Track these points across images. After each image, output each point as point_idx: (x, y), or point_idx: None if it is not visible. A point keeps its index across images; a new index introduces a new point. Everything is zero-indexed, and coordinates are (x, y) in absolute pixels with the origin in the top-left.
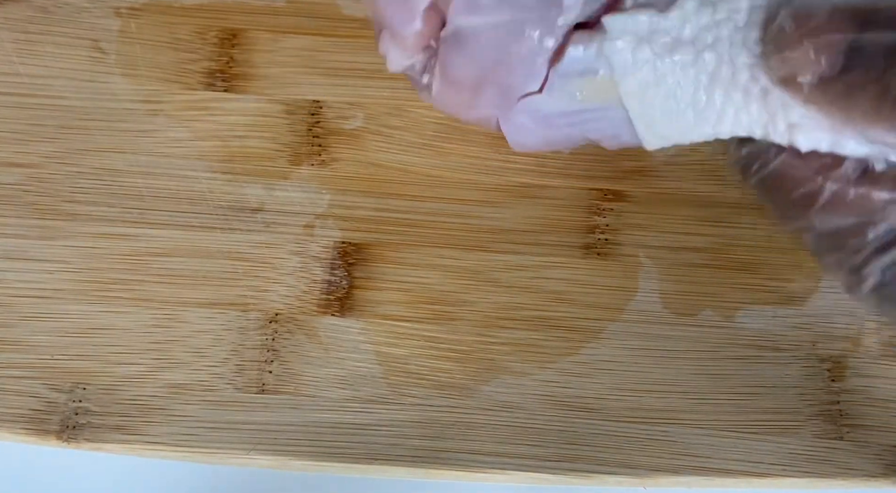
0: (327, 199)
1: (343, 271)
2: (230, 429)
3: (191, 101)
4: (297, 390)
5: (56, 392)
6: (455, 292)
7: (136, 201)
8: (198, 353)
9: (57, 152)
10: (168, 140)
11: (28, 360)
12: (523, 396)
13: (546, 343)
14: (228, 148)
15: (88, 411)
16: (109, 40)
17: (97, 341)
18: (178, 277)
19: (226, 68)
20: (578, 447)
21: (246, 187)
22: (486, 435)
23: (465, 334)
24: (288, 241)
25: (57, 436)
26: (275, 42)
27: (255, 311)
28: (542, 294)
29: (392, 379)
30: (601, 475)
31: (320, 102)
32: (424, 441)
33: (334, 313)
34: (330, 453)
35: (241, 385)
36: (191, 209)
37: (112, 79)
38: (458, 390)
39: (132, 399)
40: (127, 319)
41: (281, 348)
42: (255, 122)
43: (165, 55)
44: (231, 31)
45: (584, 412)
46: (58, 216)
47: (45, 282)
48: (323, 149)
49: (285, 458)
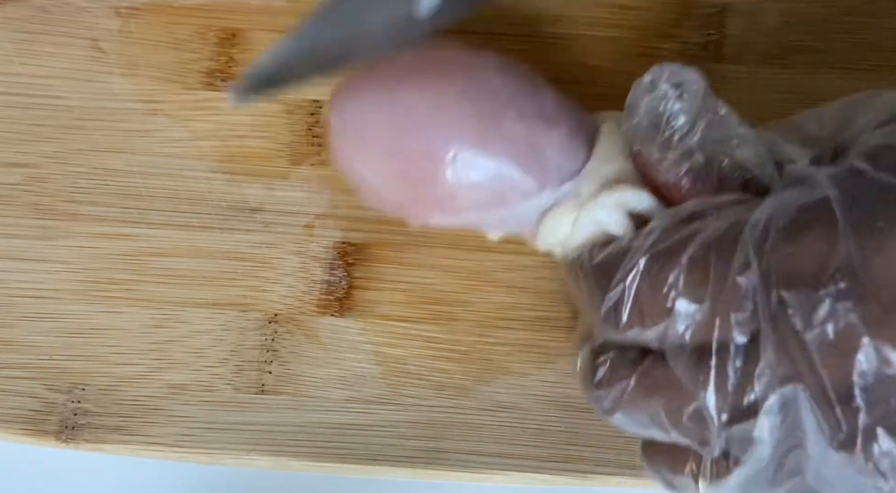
0: (327, 199)
1: (342, 271)
2: (229, 429)
3: (191, 100)
4: (296, 391)
5: (55, 393)
6: (455, 292)
7: (136, 201)
8: (197, 353)
9: (56, 152)
10: (168, 140)
11: (27, 360)
12: (523, 396)
13: (546, 343)
14: (228, 148)
15: (87, 411)
16: (109, 40)
17: (96, 342)
18: (178, 277)
19: (226, 68)
20: (578, 447)
21: (245, 187)
22: (486, 436)
23: (464, 334)
24: (287, 241)
25: (56, 436)
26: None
27: (255, 311)
28: (542, 294)
29: (391, 379)
30: (601, 476)
31: (320, 102)
32: (424, 442)
33: (334, 314)
34: (329, 453)
35: (240, 386)
36: (190, 209)
37: (112, 79)
38: (458, 390)
39: (131, 400)
40: (126, 319)
41: (280, 348)
42: (255, 121)
43: (165, 55)
44: (231, 31)
45: (583, 413)
46: (57, 216)
47: (44, 282)
48: (323, 149)
49: (285, 458)
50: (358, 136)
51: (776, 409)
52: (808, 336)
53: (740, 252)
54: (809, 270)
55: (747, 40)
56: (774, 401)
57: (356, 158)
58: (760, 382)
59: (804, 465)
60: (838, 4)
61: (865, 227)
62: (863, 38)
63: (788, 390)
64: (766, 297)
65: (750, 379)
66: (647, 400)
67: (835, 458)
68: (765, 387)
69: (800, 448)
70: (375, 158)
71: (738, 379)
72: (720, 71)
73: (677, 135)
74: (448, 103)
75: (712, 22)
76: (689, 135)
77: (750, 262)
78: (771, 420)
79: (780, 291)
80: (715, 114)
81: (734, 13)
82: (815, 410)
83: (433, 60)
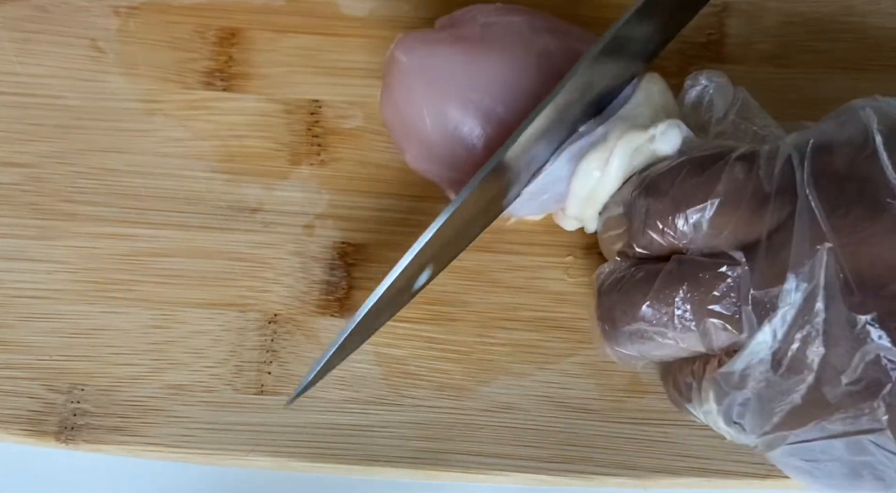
0: (326, 199)
1: (342, 271)
2: (229, 430)
3: (190, 100)
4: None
5: (54, 393)
6: (455, 293)
7: (135, 201)
8: (196, 353)
9: (55, 152)
10: (167, 140)
11: (26, 360)
12: (523, 397)
13: (546, 344)
14: (227, 148)
15: (87, 411)
16: (108, 39)
17: (95, 342)
18: (177, 277)
19: (225, 68)
20: (578, 448)
21: (245, 187)
22: (486, 436)
23: (464, 334)
24: (287, 241)
25: (55, 437)
26: (274, 41)
27: (254, 311)
28: (542, 294)
29: (391, 380)
30: (601, 477)
31: (320, 102)
32: (424, 442)
33: (333, 314)
34: (329, 454)
35: (239, 386)
36: (190, 209)
37: (111, 78)
38: (458, 390)
39: (130, 400)
40: (125, 319)
41: (280, 348)
42: (255, 121)
43: (164, 54)
44: (230, 31)
45: (583, 413)
46: (56, 216)
47: (44, 282)
48: (322, 148)
49: (284, 459)
50: (432, 83)
51: (807, 270)
52: (837, 213)
53: (782, 154)
54: (841, 167)
55: (747, 40)
56: (807, 263)
57: (426, 104)
58: (792, 250)
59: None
60: (838, 4)
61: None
62: (863, 39)
63: (819, 249)
64: (804, 180)
65: (782, 248)
66: (673, 289)
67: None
68: (798, 250)
69: (806, 330)
70: (447, 109)
71: (771, 249)
72: (720, 71)
73: (714, 117)
74: (529, 69)
75: (712, 22)
76: (724, 118)
77: (791, 157)
78: (798, 280)
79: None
80: (741, 100)
81: (734, 13)
82: (839, 271)
83: (511, 25)
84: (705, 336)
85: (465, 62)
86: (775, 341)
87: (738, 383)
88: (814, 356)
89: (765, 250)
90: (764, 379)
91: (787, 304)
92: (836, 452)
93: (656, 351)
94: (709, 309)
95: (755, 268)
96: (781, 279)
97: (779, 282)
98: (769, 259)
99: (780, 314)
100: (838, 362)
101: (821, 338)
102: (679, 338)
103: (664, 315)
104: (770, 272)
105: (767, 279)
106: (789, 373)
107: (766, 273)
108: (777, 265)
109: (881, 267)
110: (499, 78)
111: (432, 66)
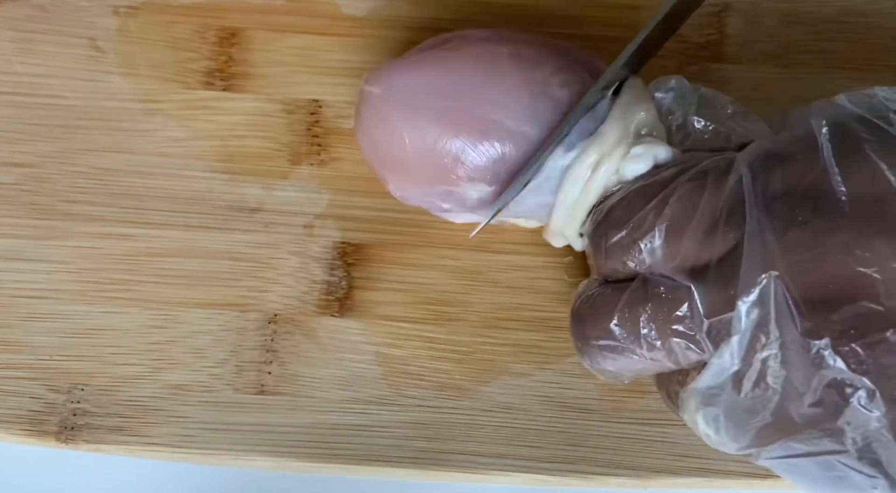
0: (326, 199)
1: (342, 271)
2: (229, 430)
3: (189, 100)
4: (296, 392)
5: (54, 393)
6: (455, 293)
7: (135, 201)
8: (196, 354)
9: (55, 152)
10: (167, 140)
11: (26, 360)
12: (523, 397)
13: (546, 344)
14: (227, 148)
15: (87, 411)
16: (108, 39)
17: (95, 342)
18: (177, 277)
19: (225, 67)
20: (578, 448)
21: (245, 187)
22: (486, 436)
23: (464, 334)
24: (287, 241)
25: (55, 437)
26: (274, 41)
27: (254, 311)
28: (542, 294)
29: (392, 380)
30: (601, 477)
31: (319, 102)
32: (424, 442)
33: (334, 314)
34: (329, 454)
35: (239, 386)
36: (189, 209)
37: (110, 78)
38: (458, 390)
39: (131, 400)
40: (125, 319)
41: (280, 348)
42: (254, 121)
43: (164, 54)
44: (230, 30)
45: (583, 413)
46: (56, 216)
47: (44, 282)
48: (322, 148)
49: (284, 459)
50: (407, 103)
51: (755, 298)
52: (787, 234)
53: (734, 172)
54: (793, 183)
55: (747, 40)
56: (754, 290)
57: (404, 126)
58: (740, 277)
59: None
60: (838, 4)
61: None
62: (863, 38)
63: (765, 278)
64: (754, 200)
65: (732, 274)
66: (637, 309)
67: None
68: (745, 278)
69: (764, 353)
70: (424, 124)
71: (721, 274)
72: (720, 71)
73: (675, 124)
74: (501, 68)
75: (712, 22)
76: (683, 124)
77: (742, 176)
78: (747, 308)
79: (767, 198)
80: (701, 98)
81: (734, 13)
82: (789, 297)
83: (479, 37)
84: (671, 354)
85: (436, 74)
86: (734, 363)
87: (707, 400)
88: (775, 378)
89: (715, 275)
90: (730, 398)
91: (738, 331)
92: (810, 467)
93: (634, 366)
94: (672, 329)
95: (706, 294)
96: (732, 306)
97: (729, 309)
98: (720, 285)
99: (735, 340)
100: (799, 383)
101: (779, 361)
102: (647, 356)
103: (631, 334)
104: (721, 299)
105: (718, 307)
106: (754, 392)
107: (716, 300)
108: (727, 292)
109: (833, 287)
110: (472, 81)
111: (403, 86)
